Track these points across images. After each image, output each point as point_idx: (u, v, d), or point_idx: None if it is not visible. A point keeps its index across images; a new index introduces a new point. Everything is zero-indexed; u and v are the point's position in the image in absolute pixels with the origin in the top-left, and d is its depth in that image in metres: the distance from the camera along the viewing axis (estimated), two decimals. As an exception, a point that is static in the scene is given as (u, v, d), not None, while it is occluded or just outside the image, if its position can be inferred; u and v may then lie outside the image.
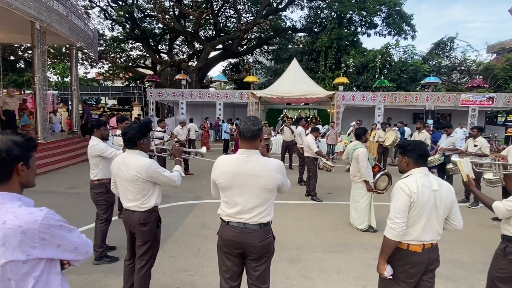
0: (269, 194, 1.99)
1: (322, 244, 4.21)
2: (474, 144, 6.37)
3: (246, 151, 1.98)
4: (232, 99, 19.03)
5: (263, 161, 1.98)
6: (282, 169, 2.01)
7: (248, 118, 1.99)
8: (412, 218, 1.95)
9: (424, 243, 1.97)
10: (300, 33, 27.35)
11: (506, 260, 2.18)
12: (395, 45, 22.32)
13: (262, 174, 1.94)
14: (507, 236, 2.22)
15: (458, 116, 18.68)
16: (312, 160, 6.32)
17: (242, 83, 23.27)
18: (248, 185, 1.94)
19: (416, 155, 2.05)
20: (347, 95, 18.22)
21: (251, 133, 1.95)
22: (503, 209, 2.08)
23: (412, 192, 1.93)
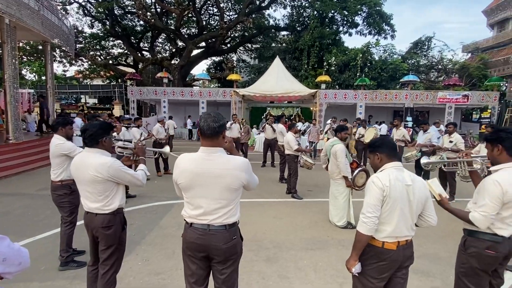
0: (234, 194, 1.87)
1: (301, 242, 4.13)
2: (450, 140, 6.46)
3: (207, 149, 1.85)
4: (215, 97, 18.81)
5: (226, 160, 1.85)
6: (247, 167, 1.89)
7: (209, 115, 1.85)
8: (386, 213, 1.90)
9: (399, 240, 1.91)
10: (283, 31, 27.37)
11: (466, 254, 2.14)
12: (376, 44, 22.66)
13: (225, 173, 1.81)
14: (466, 230, 2.18)
15: (436, 113, 19.16)
16: (293, 158, 6.25)
17: (225, 81, 23.06)
18: (210, 185, 1.82)
19: (387, 149, 2.02)
20: (329, 93, 18.35)
21: (211, 130, 1.81)
22: (481, 217, 1.99)
23: (384, 185, 1.88)
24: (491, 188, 1.98)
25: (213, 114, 1.85)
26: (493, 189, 1.96)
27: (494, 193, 1.96)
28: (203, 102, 18.81)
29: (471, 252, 2.12)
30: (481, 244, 2.08)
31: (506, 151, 2.05)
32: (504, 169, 2.04)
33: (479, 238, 2.09)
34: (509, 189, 1.94)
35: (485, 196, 1.99)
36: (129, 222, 4.72)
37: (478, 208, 2.02)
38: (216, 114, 1.86)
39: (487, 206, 1.98)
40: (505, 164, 2.05)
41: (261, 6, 25.24)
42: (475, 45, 26.63)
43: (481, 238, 2.08)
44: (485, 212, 1.98)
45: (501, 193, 1.94)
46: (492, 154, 2.13)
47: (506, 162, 2.05)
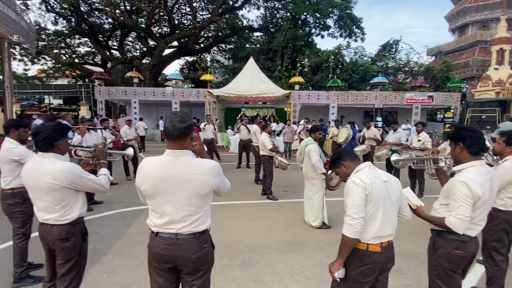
0: (203, 200, 1.73)
1: (276, 245, 4.06)
2: (418, 139, 6.68)
3: (173, 151, 1.70)
4: (188, 98, 18.43)
5: (194, 163, 1.72)
6: (217, 170, 1.76)
7: (175, 114, 1.70)
8: (370, 212, 1.86)
9: (382, 241, 1.88)
10: (257, 32, 27.43)
11: (436, 256, 2.13)
12: (347, 47, 23.28)
13: (193, 178, 1.67)
14: (435, 231, 2.16)
15: (404, 113, 19.97)
16: (268, 159, 6.19)
17: (199, 82, 22.69)
18: (176, 192, 1.67)
19: (348, 156, 2.07)
20: (303, 94, 18.58)
21: (178, 131, 1.66)
22: (457, 221, 1.96)
23: (366, 184, 1.84)
24: (459, 190, 1.96)
25: (180, 113, 1.71)
26: (462, 190, 1.95)
27: (464, 194, 1.94)
28: (176, 103, 18.37)
29: (440, 253, 2.10)
30: (450, 244, 2.06)
31: (467, 149, 2.05)
32: (468, 169, 2.04)
33: (447, 238, 2.07)
34: (477, 189, 1.93)
35: (456, 198, 1.97)
36: (94, 230, 4.45)
37: (452, 212, 1.99)
38: (183, 114, 1.72)
39: (460, 209, 1.95)
40: (468, 163, 2.06)
41: (234, 7, 25.12)
42: (438, 48, 28.11)
43: (449, 238, 2.06)
44: (459, 215, 1.95)
45: (470, 194, 1.93)
46: (454, 152, 2.14)
47: (468, 161, 2.06)
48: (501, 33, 19.08)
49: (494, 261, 2.77)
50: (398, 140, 7.40)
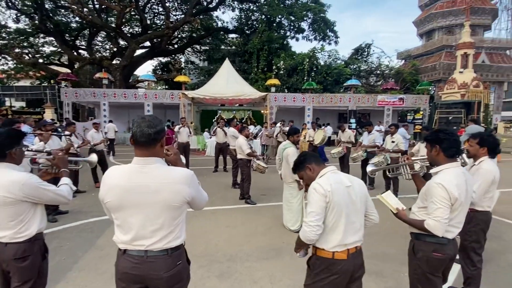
0: (175, 213, 1.58)
1: (256, 252, 3.95)
2: (392, 141, 6.85)
3: (141, 159, 1.55)
4: (162, 100, 17.96)
5: (165, 171, 1.57)
6: (191, 180, 1.61)
7: (143, 119, 1.55)
8: (332, 220, 1.81)
9: (348, 247, 1.84)
10: (232, 34, 27.34)
11: (416, 260, 2.14)
12: (321, 50, 23.71)
13: (163, 188, 1.53)
14: (414, 234, 2.18)
15: (376, 115, 20.60)
16: (245, 162, 6.08)
17: (173, 83, 22.21)
18: (144, 203, 1.52)
19: (313, 159, 2.04)
20: (279, 97, 18.68)
21: (146, 137, 1.52)
22: (436, 223, 1.98)
23: (326, 191, 1.79)
24: (436, 192, 1.98)
25: (148, 118, 1.57)
26: (439, 192, 1.97)
27: (441, 196, 1.96)
28: (149, 105, 17.84)
29: (420, 256, 2.12)
30: (428, 247, 2.08)
31: (443, 152, 2.08)
32: (444, 171, 2.06)
33: (426, 241, 2.09)
34: (453, 191, 1.96)
35: (434, 201, 1.98)
36: (59, 244, 4.13)
37: (430, 214, 2.01)
38: (152, 118, 1.57)
39: (438, 211, 1.97)
40: (444, 166, 2.09)
41: (208, 8, 24.89)
42: (407, 52, 29.38)
43: (427, 241, 2.08)
44: (438, 217, 1.96)
45: (447, 196, 1.95)
46: (430, 154, 2.17)
47: (444, 163, 2.09)
48: (465, 38, 20.23)
49: (472, 262, 2.83)
50: (373, 141, 7.56)
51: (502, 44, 25.59)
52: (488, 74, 24.35)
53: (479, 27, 25.46)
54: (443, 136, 2.09)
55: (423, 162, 2.58)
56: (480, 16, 25.08)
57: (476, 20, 24.52)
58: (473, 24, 23.09)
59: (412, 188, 6.40)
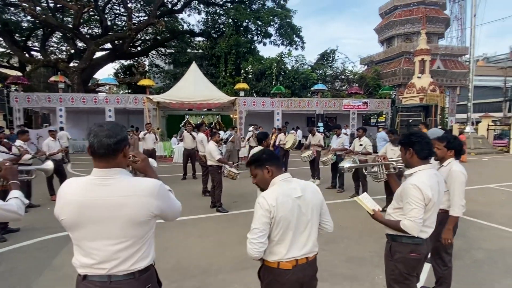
0: (142, 230, 1.41)
1: (230, 263, 3.83)
2: (360, 144, 7.07)
3: (101, 171, 1.39)
4: (125, 104, 17.22)
5: (128, 183, 1.40)
6: (158, 191, 1.44)
7: (101, 127, 1.39)
8: (278, 235, 1.73)
9: (296, 258, 1.76)
10: (199, 37, 27.02)
11: (393, 261, 2.18)
12: (288, 55, 24.17)
13: (126, 202, 1.36)
14: (391, 235, 2.22)
15: (342, 119, 21.33)
16: (216, 169, 5.93)
17: (137, 87, 21.44)
18: (106, 221, 1.35)
19: (275, 161, 1.89)
20: (248, 101, 18.70)
21: (105, 148, 1.36)
22: (411, 223, 2.03)
23: (270, 206, 1.69)
24: (412, 193, 2.04)
25: (107, 126, 1.41)
26: (414, 193, 2.04)
27: (416, 197, 2.03)
28: (110, 110, 17.02)
29: (397, 258, 2.16)
30: (405, 248, 2.13)
31: (416, 154, 2.16)
32: (418, 172, 2.14)
33: (402, 242, 2.14)
34: (427, 192, 2.03)
35: (409, 201, 2.05)
36: (10, 266, 3.72)
37: (406, 215, 2.07)
38: (112, 126, 1.41)
39: (413, 211, 2.03)
40: (418, 167, 2.17)
41: (173, 10, 24.42)
42: (370, 58, 30.84)
43: (404, 242, 2.13)
44: (413, 217, 2.03)
45: (421, 196, 2.03)
46: (405, 157, 2.25)
47: (418, 165, 2.17)
48: (422, 45, 21.64)
49: (443, 262, 2.93)
50: (342, 145, 7.76)
51: (455, 51, 27.74)
52: (443, 79, 26.22)
53: (434, 35, 27.39)
54: (416, 139, 2.17)
55: (398, 164, 2.64)
56: (435, 25, 27.01)
57: (431, 28, 26.36)
58: (429, 32, 24.77)
59: (380, 190, 6.65)
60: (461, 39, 41.86)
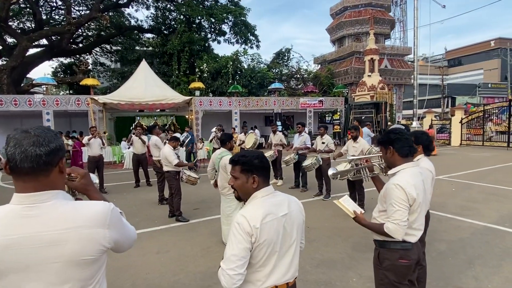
0: (88, 271, 1.07)
1: (196, 279, 3.48)
2: (322, 142, 7.08)
3: (27, 196, 1.01)
4: (66, 106, 15.70)
5: (66, 211, 1.04)
6: (112, 217, 1.11)
7: (25, 133, 1.02)
8: (258, 261, 1.47)
9: (277, 285, 1.52)
10: (148, 34, 25.76)
11: (382, 269, 2.06)
12: (244, 53, 24.02)
13: (67, 237, 1.01)
14: (378, 241, 2.11)
15: (299, 117, 21.70)
16: (174, 175, 5.49)
17: (80, 88, 19.75)
18: (37, 265, 0.99)
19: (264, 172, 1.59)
20: (205, 101, 18.18)
21: (32, 161, 1.00)
22: (394, 226, 1.91)
23: (253, 228, 1.42)
24: (394, 194, 1.93)
25: (35, 131, 1.03)
26: (397, 193, 1.93)
27: (399, 198, 1.92)
28: (49, 113, 15.39)
29: (386, 265, 2.04)
30: (394, 254, 2.02)
31: (397, 152, 2.07)
32: (401, 172, 2.04)
33: (391, 248, 2.03)
34: (411, 191, 1.93)
35: (392, 203, 1.93)
36: None
37: (389, 217, 1.95)
38: (42, 131, 1.04)
39: (397, 213, 1.92)
40: (400, 166, 2.07)
41: (118, 3, 22.97)
42: (323, 58, 31.98)
43: (392, 248, 2.02)
44: (396, 220, 1.91)
45: (405, 197, 1.92)
46: (386, 156, 2.15)
47: (400, 163, 2.07)
48: (370, 45, 22.90)
49: None
50: (303, 143, 7.72)
51: (400, 51, 29.84)
52: (390, 77, 28.04)
53: (380, 35, 29.18)
54: (394, 137, 2.07)
55: (380, 164, 2.54)
56: (382, 26, 28.79)
57: (378, 29, 28.04)
58: (376, 33, 26.32)
59: (343, 188, 6.72)
60: (403, 40, 45.33)
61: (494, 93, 46.38)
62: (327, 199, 6.86)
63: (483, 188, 7.62)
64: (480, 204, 6.23)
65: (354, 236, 4.70)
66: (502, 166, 10.88)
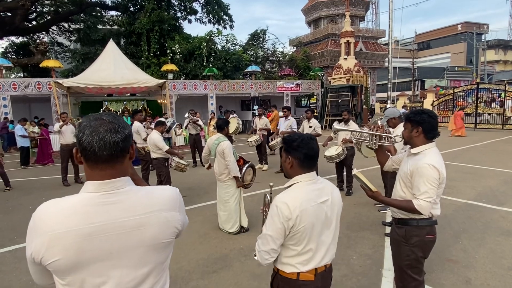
0: (164, 253, 1.11)
1: (199, 266, 3.54)
2: (309, 126, 7.25)
3: (106, 183, 1.02)
4: (24, 91, 14.72)
5: (144, 196, 1.08)
6: (180, 201, 1.17)
7: (100, 119, 1.03)
8: (298, 246, 1.58)
9: (316, 267, 1.61)
10: (112, 11, 24.37)
11: (409, 246, 2.20)
12: (218, 33, 23.50)
13: (148, 221, 1.05)
14: (403, 220, 2.23)
15: (276, 101, 21.84)
16: (162, 162, 5.42)
17: (37, 70, 18.49)
18: (120, 252, 1.02)
19: (303, 155, 1.61)
20: (178, 84, 17.75)
21: (111, 148, 1.01)
22: (427, 204, 2.06)
23: (293, 214, 1.51)
24: (428, 173, 2.06)
25: (108, 117, 1.04)
26: (431, 173, 2.06)
27: (433, 177, 2.05)
28: (5, 98, 14.36)
29: (414, 242, 2.16)
30: (422, 231, 2.16)
31: (424, 133, 2.18)
32: (426, 152, 2.15)
33: (419, 225, 2.16)
34: (443, 171, 2.10)
35: (425, 181, 2.05)
36: None
37: (421, 195, 2.07)
38: (114, 118, 1.06)
39: (430, 191, 2.05)
40: (423, 146, 2.18)
41: (78, -23, 21.42)
42: (298, 39, 32.02)
43: (420, 225, 2.16)
44: (429, 198, 2.06)
45: (438, 176, 2.07)
46: (410, 134, 2.23)
47: (421, 144, 2.19)
48: (346, 27, 23.25)
49: None
50: (290, 127, 7.86)
51: (374, 33, 30.57)
52: (365, 60, 28.78)
53: (356, 17, 29.64)
54: (428, 119, 2.17)
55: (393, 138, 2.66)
56: (357, 8, 29.22)
57: (354, 11, 28.44)
58: (352, 15, 26.69)
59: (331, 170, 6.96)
60: (375, 22, 46.44)
61: (460, 76, 49.22)
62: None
63: (458, 167, 8.21)
64: (457, 182, 6.73)
65: (347, 217, 4.94)
66: (472, 146, 11.73)
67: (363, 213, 5.09)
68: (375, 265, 3.49)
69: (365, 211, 5.12)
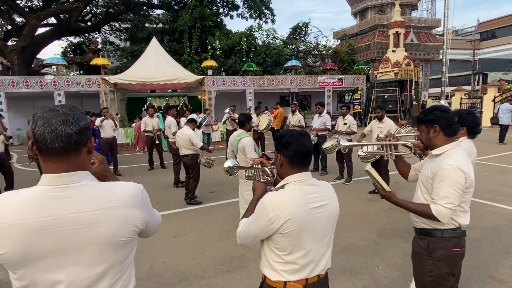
0: (122, 252, 1.07)
1: (213, 264, 3.52)
2: (344, 123, 6.91)
3: (59, 176, 0.99)
4: (76, 87, 15.95)
5: (100, 192, 1.04)
6: (142, 198, 1.11)
7: (54, 111, 1.00)
8: (287, 252, 1.43)
9: (307, 277, 1.46)
10: (158, 9, 25.47)
11: (433, 260, 1.95)
12: (258, 28, 23.48)
13: (102, 218, 1.01)
14: (425, 230, 1.99)
15: (317, 96, 21.29)
16: (195, 158, 5.52)
17: (90, 68, 19.94)
18: (71, 248, 0.99)
19: (292, 152, 1.48)
20: (218, 80, 18.05)
21: (63, 140, 0.98)
22: (447, 211, 1.81)
23: (277, 217, 1.37)
24: (453, 176, 1.80)
25: (63, 109, 1.02)
26: (456, 176, 1.80)
27: (458, 181, 1.80)
28: (60, 94, 15.69)
29: (438, 256, 1.91)
30: (447, 243, 1.91)
31: (443, 131, 1.92)
32: (450, 152, 1.90)
33: (444, 237, 1.91)
34: (470, 172, 1.85)
35: (447, 185, 1.80)
36: None
37: (440, 200, 1.82)
38: (69, 109, 1.02)
39: (451, 197, 1.80)
40: (446, 146, 1.92)
41: (126, -22, 22.64)
42: (343, 32, 30.82)
43: (446, 236, 1.91)
44: (450, 204, 1.80)
45: (463, 180, 1.81)
46: (428, 136, 1.98)
47: (443, 144, 1.93)
48: (396, 17, 21.87)
49: None
50: (323, 124, 7.55)
51: (427, 23, 28.39)
52: (416, 52, 26.86)
53: (407, 6, 27.74)
54: (441, 114, 1.92)
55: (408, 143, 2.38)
56: (408, -5, 27.36)
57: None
58: (402, 3, 25.02)
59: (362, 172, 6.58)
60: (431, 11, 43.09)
61: (531, 69, 44.05)
62: (349, 183, 6.76)
63: (518, 172, 7.33)
64: (516, 189, 6.00)
65: (379, 222, 4.63)
66: (539, 148, 10.42)
67: (397, 218, 4.72)
68: (403, 277, 3.20)
69: (399, 217, 4.73)
